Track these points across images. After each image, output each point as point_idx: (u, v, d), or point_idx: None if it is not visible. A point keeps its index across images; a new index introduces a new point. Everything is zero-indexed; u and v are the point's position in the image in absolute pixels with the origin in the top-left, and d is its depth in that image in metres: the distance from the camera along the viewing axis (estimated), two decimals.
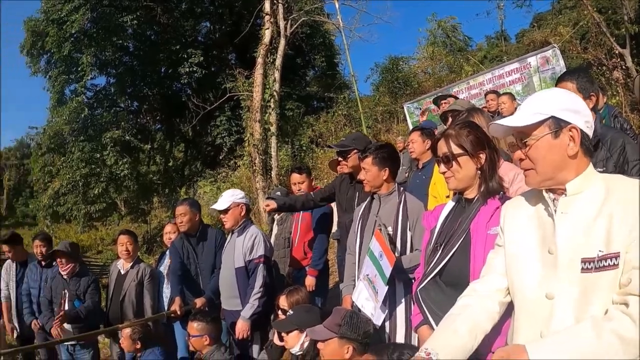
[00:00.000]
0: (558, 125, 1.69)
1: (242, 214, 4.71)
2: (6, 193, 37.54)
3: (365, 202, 3.73)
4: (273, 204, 4.80)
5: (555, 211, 1.75)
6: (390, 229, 3.37)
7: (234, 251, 4.64)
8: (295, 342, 3.34)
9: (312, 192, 5.29)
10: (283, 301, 3.84)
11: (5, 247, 6.54)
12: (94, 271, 10.35)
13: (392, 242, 3.33)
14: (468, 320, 1.89)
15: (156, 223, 19.33)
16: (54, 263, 5.94)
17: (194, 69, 20.75)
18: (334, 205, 5.13)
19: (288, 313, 3.56)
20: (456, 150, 2.37)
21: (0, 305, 6.63)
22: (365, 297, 3.29)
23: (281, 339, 3.58)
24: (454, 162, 2.37)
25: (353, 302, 3.45)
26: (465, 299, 2.00)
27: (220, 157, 19.85)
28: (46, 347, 6.23)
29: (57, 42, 20.05)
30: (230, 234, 4.85)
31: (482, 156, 2.36)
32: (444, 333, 1.89)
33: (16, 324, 6.47)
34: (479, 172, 2.38)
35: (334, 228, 5.55)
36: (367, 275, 3.28)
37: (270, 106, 12.94)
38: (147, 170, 22.22)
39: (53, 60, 21.72)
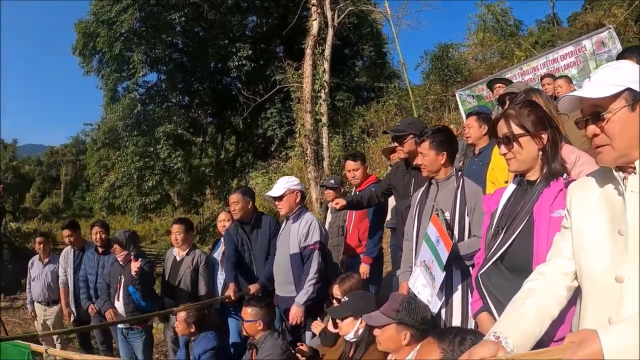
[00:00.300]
0: (634, 97, 1.59)
1: (297, 200, 4.69)
2: (63, 187, 38.79)
3: (423, 188, 3.66)
4: (342, 202, 4.73)
5: (625, 190, 1.65)
6: (447, 214, 3.30)
7: (289, 238, 4.63)
8: (350, 328, 3.31)
9: (373, 187, 5.26)
10: (336, 290, 3.83)
11: (66, 232, 6.80)
12: None
13: (450, 228, 3.25)
14: (536, 304, 1.82)
15: (208, 214, 19.63)
16: (110, 250, 6.17)
17: (243, 62, 20.97)
18: None
19: (342, 300, 3.54)
20: (517, 130, 2.27)
21: (58, 291, 6.94)
22: (422, 283, 3.24)
23: (335, 325, 3.55)
24: (515, 143, 2.27)
25: (409, 288, 3.39)
26: (532, 283, 1.93)
27: (272, 149, 20.02)
28: (101, 329, 6.48)
29: (108, 42, 20.71)
30: (285, 220, 4.84)
31: (544, 136, 2.26)
32: (512, 317, 1.82)
33: (73, 309, 6.74)
34: (541, 153, 2.28)
35: (388, 216, 5.52)
36: (424, 261, 3.23)
37: (320, 97, 12.90)
38: (200, 163, 22.57)
39: (105, 60, 22.49)
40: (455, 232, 3.31)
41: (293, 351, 3.94)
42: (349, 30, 18.40)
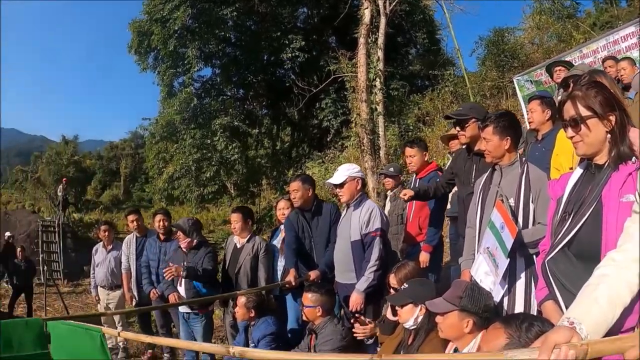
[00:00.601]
0: None
1: (358, 187, 4.67)
2: (123, 180, 39.91)
3: (486, 174, 3.60)
4: (410, 192, 4.71)
5: None
6: (512, 201, 3.23)
7: (350, 225, 4.62)
8: (409, 316, 3.28)
9: (435, 175, 5.28)
10: (392, 279, 3.82)
11: (132, 217, 7.08)
12: None
13: (514, 215, 3.17)
14: (608, 290, 1.76)
15: (265, 204, 19.83)
16: (172, 237, 6.38)
17: (296, 53, 21.00)
18: None
19: (402, 286, 3.51)
20: (584, 112, 2.19)
21: (121, 276, 7.26)
22: (485, 271, 3.19)
23: (395, 313, 3.55)
24: (582, 126, 2.19)
25: (471, 276, 3.35)
26: (604, 269, 1.86)
27: (327, 139, 20.05)
28: (162, 312, 6.79)
29: (162, 39, 21.16)
30: (345, 208, 4.84)
31: (612, 118, 2.17)
32: (585, 302, 1.76)
33: (135, 293, 7.01)
34: (609, 135, 2.18)
35: (448, 205, 5.47)
36: (488, 248, 3.18)
37: (375, 85, 12.82)
38: (256, 154, 22.82)
39: (160, 57, 23.05)
40: (520, 219, 3.22)
41: (352, 327, 3.96)
42: (401, 17, 18.22)
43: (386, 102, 14.57)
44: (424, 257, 5.12)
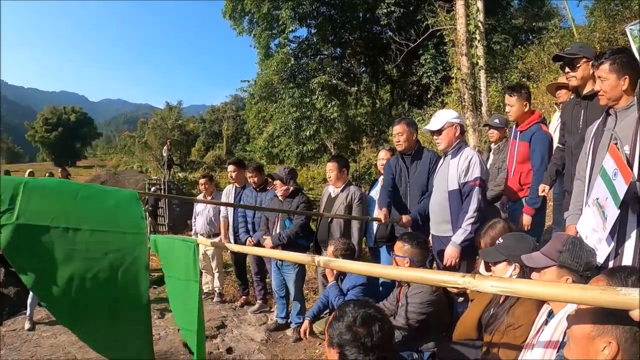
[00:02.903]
0: None
1: (457, 134, 4.40)
2: (225, 141, 41.13)
3: (599, 120, 3.25)
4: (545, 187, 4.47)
5: None
6: (626, 148, 2.85)
7: (448, 173, 4.38)
8: (503, 273, 3.05)
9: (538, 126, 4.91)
10: (481, 241, 3.65)
11: (231, 167, 7.28)
12: None
13: (629, 164, 2.79)
14: None
15: (365, 162, 19.72)
16: (267, 188, 6.60)
17: (392, 9, 20.52)
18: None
19: (497, 241, 3.26)
20: None
21: (219, 224, 7.59)
22: (592, 226, 2.91)
23: (488, 269, 3.34)
24: None
25: (577, 232, 3.08)
26: None
27: (428, 96, 19.56)
28: (256, 260, 7.10)
29: (256, 3, 21.63)
30: (443, 156, 4.61)
31: None
32: None
33: (232, 241, 7.18)
34: None
35: None
36: (597, 199, 2.89)
37: (475, 38, 12.19)
38: (355, 112, 22.67)
39: (255, 20, 23.56)
40: (635, 169, 2.80)
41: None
42: None
43: (488, 57, 13.89)
44: (526, 220, 4.78)
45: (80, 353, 6.07)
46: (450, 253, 4.23)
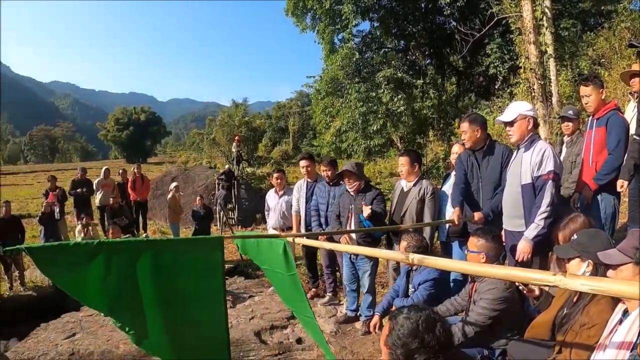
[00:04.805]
0: None
1: (529, 127, 4.29)
2: (292, 136, 41.51)
3: None
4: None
5: None
6: None
7: (521, 167, 4.30)
8: (576, 270, 2.95)
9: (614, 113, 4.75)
10: (560, 234, 3.55)
11: (304, 162, 7.30)
12: None
13: None
14: None
15: (432, 156, 19.51)
16: (340, 182, 6.52)
17: None
18: None
19: (572, 238, 3.16)
20: None
21: (291, 219, 7.66)
22: None
23: (560, 265, 3.26)
24: None
25: None
26: None
27: (495, 87, 19.12)
28: (328, 254, 7.16)
29: None
30: (516, 149, 4.52)
31: None
32: None
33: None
34: None
35: None
36: None
37: (543, 25, 11.80)
38: (422, 105, 22.44)
39: (317, 16, 23.62)
40: None
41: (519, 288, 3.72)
42: None
43: (556, 44, 13.42)
44: (587, 194, 4.66)
45: None
46: (523, 248, 4.16)
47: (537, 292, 3.46)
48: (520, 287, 3.61)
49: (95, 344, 6.57)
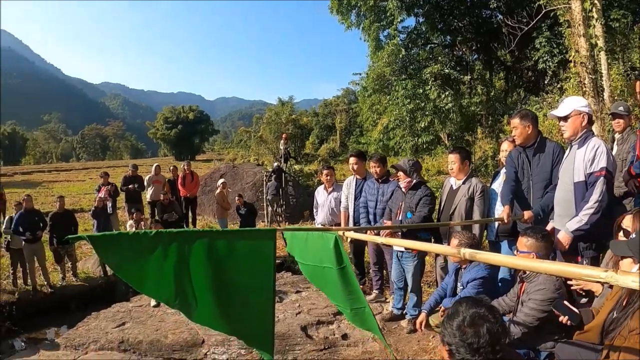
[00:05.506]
0: None
1: (584, 123, 4.19)
2: (339, 133, 41.44)
3: None
4: None
5: None
6: None
7: (574, 164, 4.20)
8: (628, 270, 2.83)
9: None
10: (627, 221, 3.35)
11: (353, 160, 7.37)
12: None
13: None
14: None
15: (480, 154, 19.23)
16: (390, 179, 6.63)
17: None
18: None
19: (630, 236, 3.09)
20: None
21: (340, 215, 7.71)
22: None
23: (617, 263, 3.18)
24: None
25: None
26: None
27: (545, 82, 18.69)
28: (375, 251, 7.18)
29: None
30: (569, 147, 4.39)
31: None
32: None
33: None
34: None
35: None
36: None
37: (592, 17, 11.37)
38: (469, 102, 22.14)
39: (362, 13, 23.55)
40: None
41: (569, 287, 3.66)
42: None
43: (607, 37, 12.97)
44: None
45: (202, 330, 6.53)
46: (562, 238, 4.11)
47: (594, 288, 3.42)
48: (572, 287, 3.57)
49: (144, 333, 6.80)
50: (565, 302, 3.39)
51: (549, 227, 4.48)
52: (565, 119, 4.25)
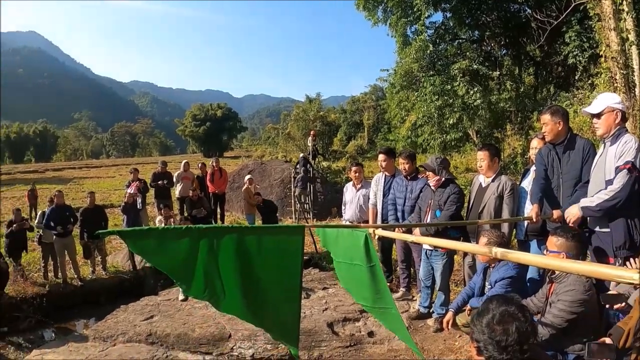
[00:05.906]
0: None
1: (617, 121, 4.10)
2: (366, 130, 41.38)
3: None
4: None
5: None
6: None
7: (605, 162, 4.11)
8: None
9: None
10: None
11: (382, 157, 7.41)
12: None
13: None
14: None
15: (509, 151, 18.99)
16: (418, 176, 6.64)
17: None
18: None
19: None
20: None
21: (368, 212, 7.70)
22: None
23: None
24: None
25: None
26: None
27: (575, 78, 18.34)
28: (403, 246, 7.17)
29: None
30: (602, 144, 4.29)
31: None
32: None
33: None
34: None
35: None
36: None
37: (623, 9, 11.05)
38: (498, 98, 21.89)
39: (388, 9, 23.36)
40: None
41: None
42: None
43: (638, 30, 12.69)
44: None
45: (229, 324, 6.61)
46: (572, 212, 4.14)
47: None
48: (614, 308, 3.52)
49: (172, 327, 6.89)
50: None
51: (556, 213, 4.51)
52: (598, 116, 4.17)
